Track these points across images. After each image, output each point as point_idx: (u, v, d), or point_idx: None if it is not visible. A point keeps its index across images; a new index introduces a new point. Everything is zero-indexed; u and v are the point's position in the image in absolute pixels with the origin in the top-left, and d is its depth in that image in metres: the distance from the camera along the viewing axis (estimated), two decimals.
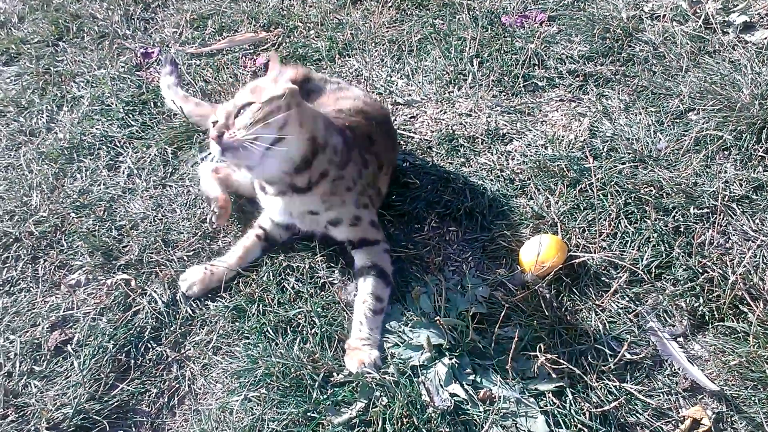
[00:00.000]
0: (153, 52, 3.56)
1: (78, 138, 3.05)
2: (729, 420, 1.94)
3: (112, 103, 3.23)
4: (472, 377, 1.99)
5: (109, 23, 3.80)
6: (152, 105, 3.20)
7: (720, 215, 2.38)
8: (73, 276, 2.45)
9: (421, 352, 2.04)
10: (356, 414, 1.87)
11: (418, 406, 1.88)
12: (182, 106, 2.97)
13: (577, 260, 2.25)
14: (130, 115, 3.15)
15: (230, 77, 3.30)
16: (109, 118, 3.15)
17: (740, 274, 2.16)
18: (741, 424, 1.92)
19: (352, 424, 1.87)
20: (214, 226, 2.50)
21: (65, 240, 2.58)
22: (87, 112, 3.21)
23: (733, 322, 2.12)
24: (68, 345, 2.22)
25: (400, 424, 1.84)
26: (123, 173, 2.86)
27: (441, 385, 1.95)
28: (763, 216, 2.41)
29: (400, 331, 2.12)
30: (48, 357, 2.20)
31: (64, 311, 2.34)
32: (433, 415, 1.87)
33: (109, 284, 2.38)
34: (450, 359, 2.01)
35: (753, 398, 1.95)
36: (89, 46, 3.70)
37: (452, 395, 1.93)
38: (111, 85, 3.34)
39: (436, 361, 2.01)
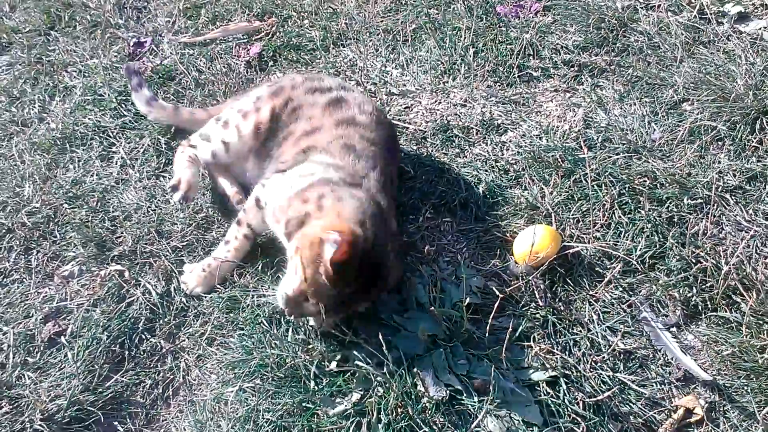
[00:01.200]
0: (146, 42, 3.53)
1: (70, 128, 3.02)
2: (722, 409, 1.95)
3: (105, 93, 3.20)
4: (466, 367, 1.99)
5: (102, 12, 3.75)
6: None
7: (714, 205, 2.39)
8: (67, 267, 2.44)
9: (416, 342, 2.04)
10: (352, 405, 1.88)
11: (413, 397, 1.89)
12: (171, 119, 2.87)
13: (571, 251, 2.25)
14: (123, 105, 3.12)
15: (224, 67, 3.28)
16: (102, 108, 3.12)
17: (733, 264, 2.17)
18: (733, 413, 1.93)
19: (348, 414, 1.87)
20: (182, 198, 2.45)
21: (58, 231, 2.57)
22: (79, 102, 3.18)
23: (726, 312, 2.13)
24: (62, 336, 2.22)
25: (394, 414, 1.85)
26: (116, 164, 2.84)
27: (436, 376, 1.95)
28: (756, 206, 2.41)
29: (394, 322, 2.12)
30: (41, 348, 2.19)
31: (57, 302, 2.33)
32: (427, 405, 1.88)
33: (103, 275, 2.37)
34: (445, 349, 2.02)
35: (745, 388, 1.96)
36: (81, 36, 3.66)
37: (447, 385, 1.93)
38: (104, 74, 3.31)
39: (431, 352, 2.02)
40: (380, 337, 1.98)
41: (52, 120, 3.12)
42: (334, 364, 1.98)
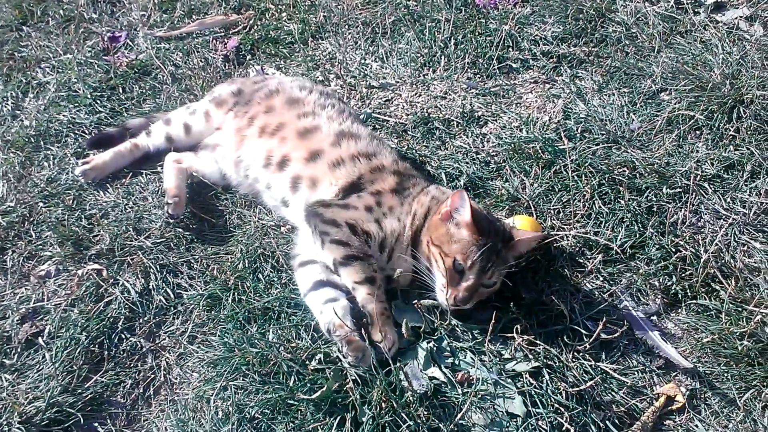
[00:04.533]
0: (121, 36, 3.48)
1: (44, 125, 2.97)
2: (702, 396, 1.97)
3: (79, 89, 3.14)
4: (450, 360, 1.99)
5: (75, 7, 3.69)
6: (120, 90, 3.13)
7: (692, 194, 2.41)
8: (43, 267, 2.40)
9: (399, 335, 2.03)
10: (329, 390, 1.85)
11: (397, 391, 1.88)
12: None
13: (552, 242, 2.25)
14: (98, 101, 3.08)
15: (201, 61, 3.24)
16: (77, 104, 3.07)
17: (712, 253, 2.19)
18: (714, 400, 1.96)
19: (332, 410, 1.86)
20: (169, 215, 2.45)
21: (34, 230, 2.52)
22: (53, 99, 3.12)
23: (705, 299, 2.15)
24: (39, 337, 2.18)
25: (378, 408, 1.84)
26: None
27: (420, 369, 1.95)
28: (734, 194, 2.44)
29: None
30: (19, 350, 2.16)
31: (34, 303, 2.29)
32: (411, 398, 1.87)
33: (80, 275, 2.33)
34: (428, 342, 2.01)
35: (725, 374, 1.99)
36: (54, 31, 3.60)
37: (431, 378, 1.93)
38: (78, 70, 3.25)
39: (415, 345, 2.01)
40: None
41: (26, 117, 3.06)
42: (315, 362, 1.97)
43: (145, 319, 2.23)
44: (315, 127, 2.41)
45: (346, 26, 3.42)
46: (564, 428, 1.82)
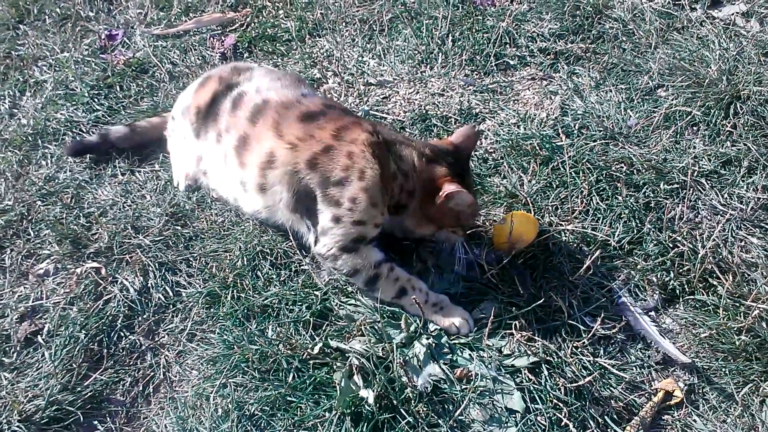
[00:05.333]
0: (117, 34, 3.47)
1: (42, 124, 2.96)
2: (700, 391, 1.98)
3: (77, 87, 3.14)
4: (449, 356, 2.00)
5: (72, 5, 3.68)
6: (118, 88, 3.13)
7: (689, 190, 2.42)
8: (42, 265, 2.40)
9: (399, 331, 2.03)
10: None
11: (397, 387, 1.88)
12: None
13: (549, 238, 2.26)
14: (96, 99, 3.07)
15: (198, 59, 3.23)
16: (74, 102, 3.07)
17: (710, 248, 2.20)
18: (712, 394, 1.96)
19: (331, 407, 1.86)
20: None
21: (32, 229, 2.52)
22: (51, 97, 3.12)
23: (703, 295, 2.15)
24: (38, 336, 2.18)
25: (378, 405, 1.84)
26: (89, 159, 2.79)
27: (419, 366, 1.95)
28: (731, 190, 2.44)
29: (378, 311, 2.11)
30: (18, 348, 2.16)
31: (33, 301, 2.29)
32: (411, 395, 1.88)
33: (79, 273, 2.33)
34: (428, 339, 2.02)
35: (723, 369, 1.99)
36: (51, 29, 3.59)
37: (430, 375, 1.93)
38: (75, 68, 3.25)
39: (414, 341, 2.02)
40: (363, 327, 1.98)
41: (23, 116, 3.05)
42: (317, 349, 1.98)
43: (144, 317, 2.23)
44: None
45: (344, 23, 3.42)
46: (563, 423, 1.83)
